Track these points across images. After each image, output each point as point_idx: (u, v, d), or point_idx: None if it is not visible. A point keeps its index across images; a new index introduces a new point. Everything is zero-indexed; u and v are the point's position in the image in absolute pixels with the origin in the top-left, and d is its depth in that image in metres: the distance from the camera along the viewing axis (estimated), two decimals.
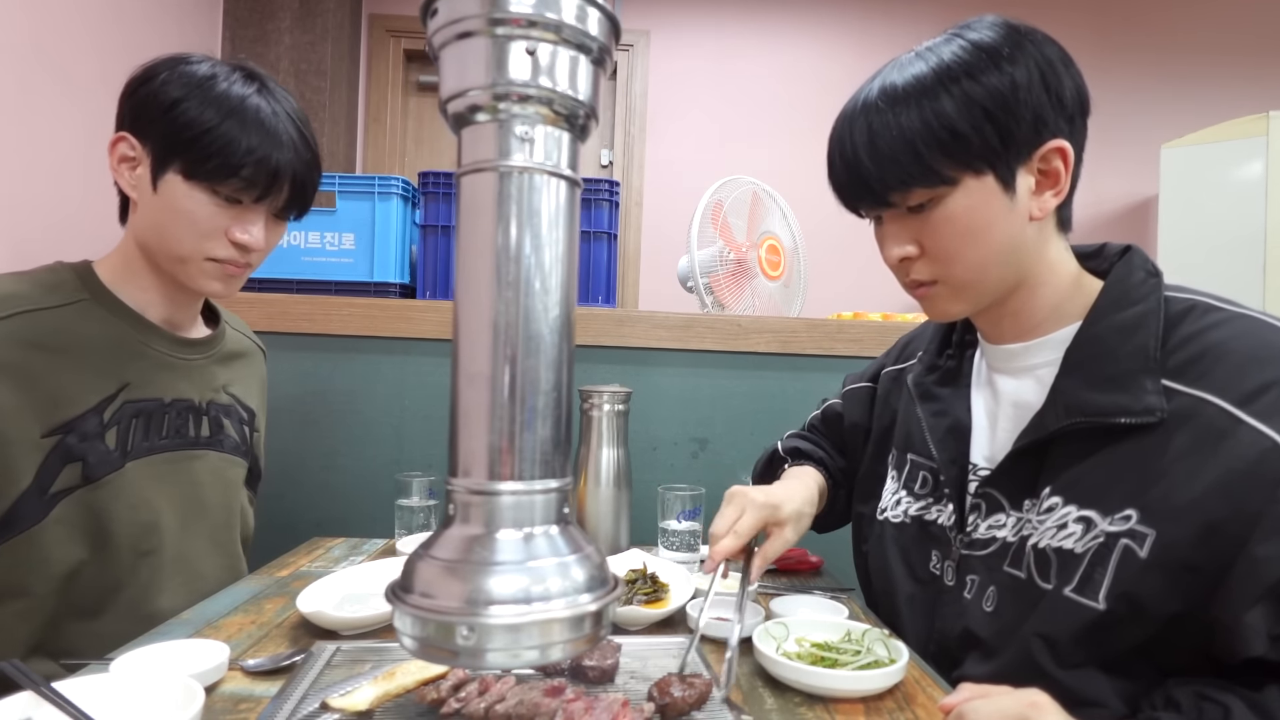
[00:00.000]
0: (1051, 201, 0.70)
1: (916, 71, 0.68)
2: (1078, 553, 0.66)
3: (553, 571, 0.45)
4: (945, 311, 0.77)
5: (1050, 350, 0.75)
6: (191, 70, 0.85)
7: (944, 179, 0.68)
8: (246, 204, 0.88)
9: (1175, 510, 0.62)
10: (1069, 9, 3.45)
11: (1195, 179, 2.90)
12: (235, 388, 1.06)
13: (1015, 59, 0.66)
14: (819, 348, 1.51)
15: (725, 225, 1.60)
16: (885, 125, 0.68)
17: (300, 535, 1.25)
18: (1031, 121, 0.67)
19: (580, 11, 0.45)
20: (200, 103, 0.83)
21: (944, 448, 0.82)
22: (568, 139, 0.48)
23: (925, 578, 0.83)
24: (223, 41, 2.83)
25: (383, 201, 1.52)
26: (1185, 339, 0.67)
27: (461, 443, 0.47)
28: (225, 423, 1.02)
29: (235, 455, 1.04)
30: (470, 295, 0.47)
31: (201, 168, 0.84)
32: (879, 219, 0.77)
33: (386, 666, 0.64)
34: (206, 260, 0.89)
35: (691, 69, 3.45)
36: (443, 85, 0.47)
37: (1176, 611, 0.62)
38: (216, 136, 0.83)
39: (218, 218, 0.87)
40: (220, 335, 1.04)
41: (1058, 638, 0.66)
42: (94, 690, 0.56)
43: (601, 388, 1.18)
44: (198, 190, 0.85)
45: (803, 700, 0.67)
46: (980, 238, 0.70)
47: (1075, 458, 0.69)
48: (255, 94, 0.87)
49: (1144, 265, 0.73)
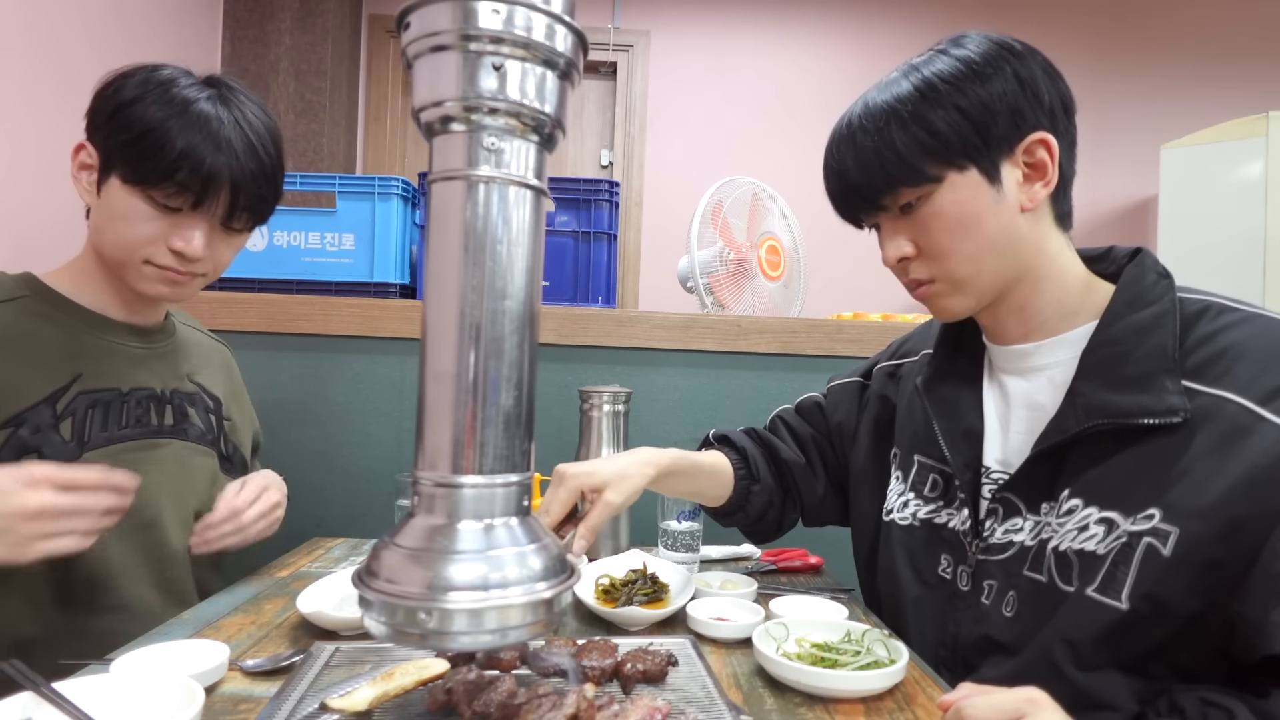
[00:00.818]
0: (1041, 192, 0.72)
1: (898, 90, 0.72)
2: (1100, 554, 0.66)
3: (511, 560, 0.48)
4: (948, 309, 0.77)
5: (1062, 350, 0.75)
6: (152, 76, 0.84)
7: (928, 177, 0.71)
8: (185, 211, 0.85)
9: (1199, 508, 0.62)
10: (1069, 11, 3.45)
11: (1195, 179, 2.90)
12: (200, 376, 1.04)
13: (991, 65, 0.70)
14: (819, 348, 1.51)
15: (725, 225, 1.60)
16: (868, 135, 0.72)
17: (300, 535, 1.25)
18: (1009, 116, 0.69)
19: (549, 29, 0.48)
20: (146, 105, 0.82)
21: (958, 452, 0.81)
22: (534, 150, 0.50)
23: (933, 581, 0.82)
24: (223, 42, 2.83)
25: (383, 202, 1.52)
26: (1202, 339, 0.68)
27: (427, 437, 0.49)
28: (190, 411, 1.00)
29: (201, 444, 1.01)
30: (437, 297, 0.49)
31: (136, 170, 0.82)
32: (876, 225, 0.79)
33: (385, 667, 0.64)
34: (145, 264, 0.87)
35: (691, 69, 3.45)
36: (415, 95, 0.49)
37: (1198, 610, 0.62)
38: (154, 139, 0.81)
39: (154, 224, 0.85)
40: (170, 322, 1.03)
41: (1080, 639, 0.66)
42: (94, 690, 0.56)
43: (601, 388, 1.18)
44: (133, 195, 0.83)
45: (802, 700, 0.67)
46: (971, 230, 0.71)
47: (1095, 460, 0.69)
48: (206, 100, 0.85)
49: (1155, 267, 0.74)
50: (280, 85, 2.86)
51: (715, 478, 0.98)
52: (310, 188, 1.58)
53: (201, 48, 2.74)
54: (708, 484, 0.98)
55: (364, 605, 0.48)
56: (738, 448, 1.03)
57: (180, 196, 0.84)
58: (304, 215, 1.54)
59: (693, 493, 0.98)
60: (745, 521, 1.03)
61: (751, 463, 1.01)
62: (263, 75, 2.85)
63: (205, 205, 0.86)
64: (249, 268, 1.52)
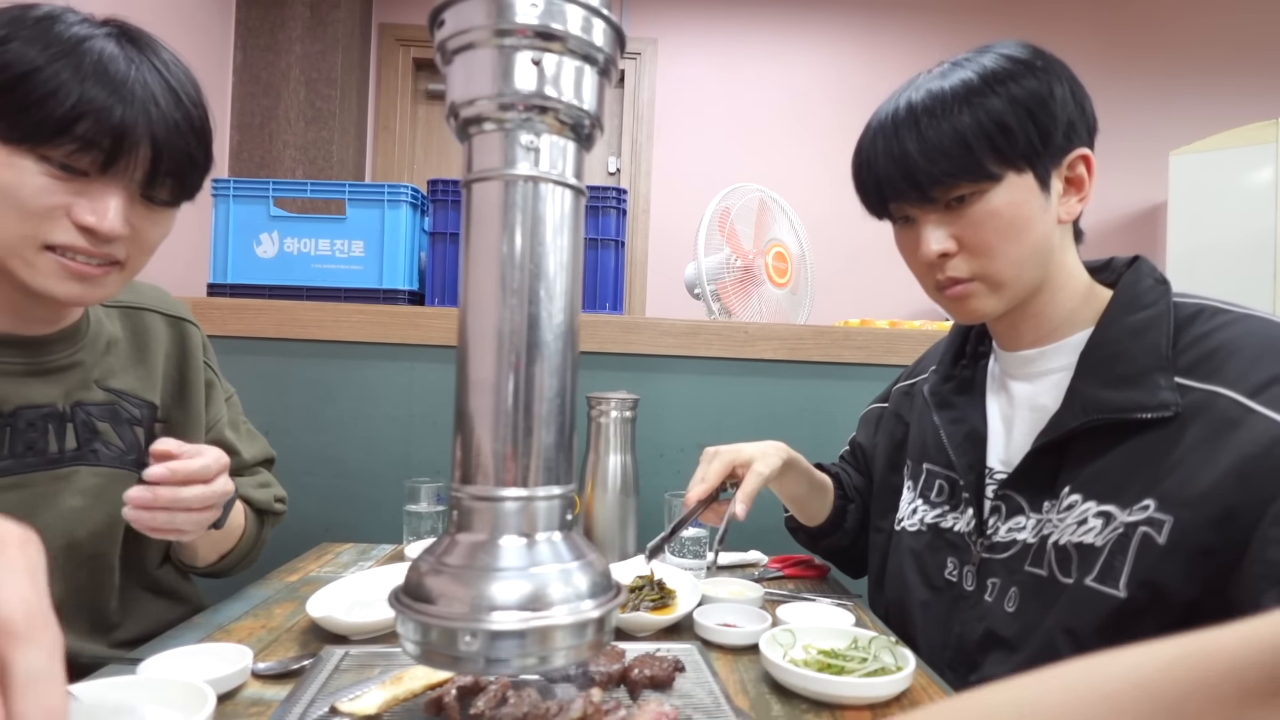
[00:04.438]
0: (1076, 207, 0.75)
1: (963, 76, 0.72)
2: (1098, 545, 0.68)
3: (555, 578, 0.45)
4: (978, 310, 0.77)
5: (1065, 355, 0.77)
6: (25, 13, 0.66)
7: (989, 174, 0.71)
8: (93, 176, 0.67)
9: (1192, 497, 0.64)
10: (1078, 17, 3.45)
11: (1204, 186, 2.89)
12: (118, 380, 0.84)
13: (1049, 71, 0.71)
14: (826, 355, 1.51)
15: (732, 232, 1.61)
16: (935, 120, 0.71)
17: (309, 540, 1.26)
18: (1066, 127, 0.71)
19: (586, 22, 0.46)
20: (24, 43, 0.64)
21: (962, 453, 0.84)
22: (573, 148, 0.48)
23: (940, 584, 0.84)
24: (234, 50, 2.86)
25: (392, 209, 1.53)
26: (1195, 339, 0.70)
27: (466, 449, 0.47)
28: (101, 427, 0.81)
29: (117, 467, 0.82)
30: (476, 302, 0.47)
31: (19, 124, 0.64)
32: (907, 220, 0.78)
33: (394, 671, 0.64)
34: (43, 249, 0.68)
35: (699, 77, 3.46)
36: (450, 94, 0.47)
37: (1195, 598, 0.63)
38: (39, 82, 0.63)
39: (50, 192, 0.66)
40: (82, 320, 0.82)
41: (1080, 630, 0.67)
42: (104, 693, 0.57)
43: (609, 394, 1.18)
44: (21, 156, 0.65)
45: (809, 707, 0.67)
46: (1021, 234, 0.72)
47: (1093, 455, 0.71)
48: (106, 37, 0.67)
49: (1151, 273, 0.76)
50: (291, 93, 2.89)
51: (823, 490, 1.02)
52: (320, 195, 1.60)
53: (214, 56, 2.76)
54: (816, 494, 1.02)
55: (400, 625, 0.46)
56: (830, 471, 1.06)
57: (85, 155, 0.66)
58: (314, 222, 1.55)
59: (803, 497, 1.01)
60: (843, 542, 1.05)
61: (845, 485, 1.05)
62: (274, 83, 2.88)
63: (118, 167, 0.68)
64: (260, 274, 1.53)
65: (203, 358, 0.95)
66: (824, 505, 1.03)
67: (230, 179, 1.58)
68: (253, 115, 2.87)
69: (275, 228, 1.54)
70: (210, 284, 1.53)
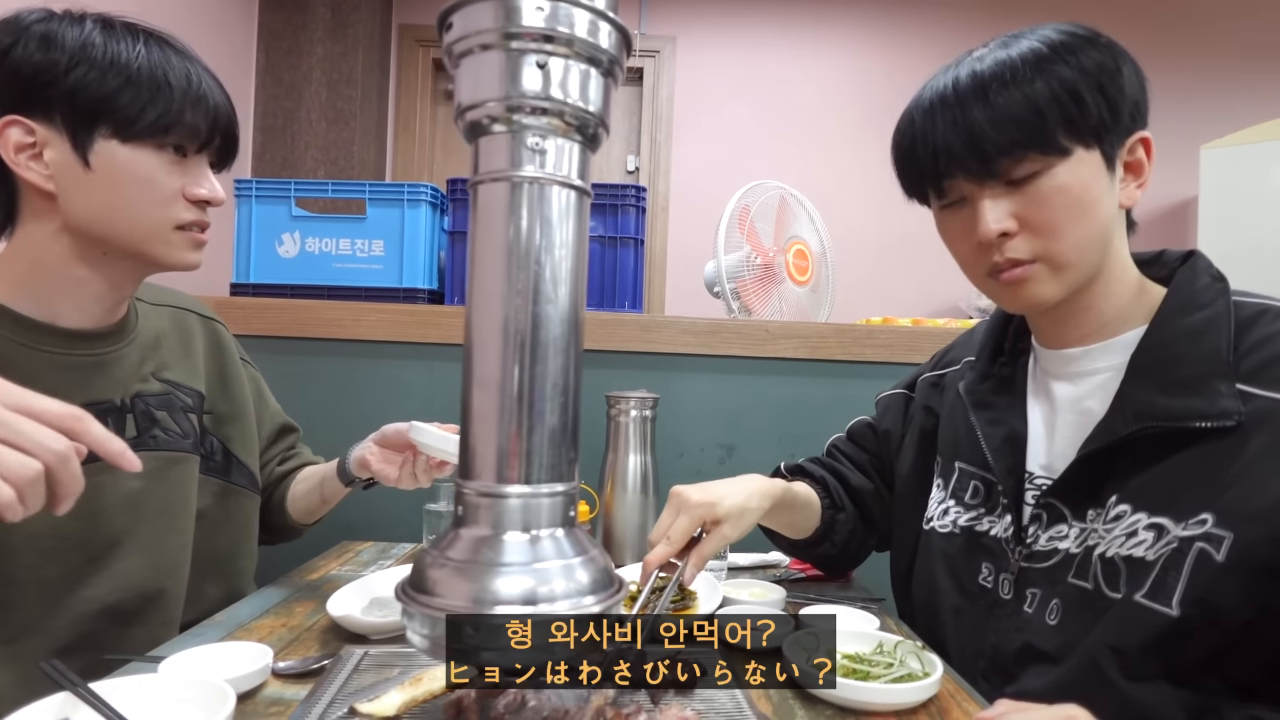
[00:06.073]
0: (1136, 193, 0.72)
1: (1030, 45, 0.68)
2: (1149, 560, 0.64)
3: (558, 573, 0.47)
4: (1035, 295, 0.71)
5: (1112, 355, 0.73)
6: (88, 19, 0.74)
7: (1060, 147, 0.67)
8: (190, 156, 0.78)
9: (1255, 512, 0.60)
10: (1108, 9, 3.38)
11: (1235, 180, 2.83)
12: (170, 372, 0.90)
13: (1112, 47, 0.69)
14: (847, 353, 1.49)
15: (752, 230, 1.59)
16: (1007, 89, 0.67)
17: (330, 539, 1.27)
18: (1132, 106, 0.69)
19: (592, 25, 0.46)
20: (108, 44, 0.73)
21: (1000, 457, 0.79)
22: (578, 149, 0.49)
23: (974, 590, 0.80)
24: (257, 53, 2.89)
25: (412, 209, 1.54)
26: (1259, 343, 0.66)
27: (471, 445, 0.48)
28: (158, 415, 0.87)
29: (172, 451, 0.88)
30: (482, 301, 0.48)
31: (138, 119, 0.74)
32: (957, 202, 0.72)
33: (414, 672, 0.64)
34: (175, 229, 0.78)
35: (717, 75, 3.44)
36: (457, 96, 0.48)
37: (1252, 619, 0.60)
38: (147, 75, 0.74)
39: (172, 175, 0.77)
40: (130, 315, 0.87)
41: (1127, 648, 0.64)
42: (128, 691, 0.57)
43: (628, 393, 1.17)
44: (143, 150, 0.75)
45: (834, 713, 0.66)
46: (1089, 213, 0.68)
47: (1144, 464, 0.68)
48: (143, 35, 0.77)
49: (1209, 270, 0.72)
50: (313, 94, 2.91)
51: (808, 509, 0.97)
52: (341, 194, 1.60)
53: (237, 59, 2.79)
54: (802, 515, 0.97)
55: (407, 618, 0.47)
56: (815, 477, 1.01)
57: (192, 138, 0.77)
58: (335, 222, 1.56)
59: (789, 524, 0.97)
60: (831, 552, 1.01)
61: (833, 491, 1.00)
62: (296, 85, 2.91)
63: (210, 145, 0.80)
64: (282, 274, 1.55)
65: (238, 354, 1.03)
66: (810, 521, 0.98)
67: (253, 179, 1.59)
68: (275, 117, 2.90)
69: (297, 228, 1.56)
70: (233, 283, 1.55)
